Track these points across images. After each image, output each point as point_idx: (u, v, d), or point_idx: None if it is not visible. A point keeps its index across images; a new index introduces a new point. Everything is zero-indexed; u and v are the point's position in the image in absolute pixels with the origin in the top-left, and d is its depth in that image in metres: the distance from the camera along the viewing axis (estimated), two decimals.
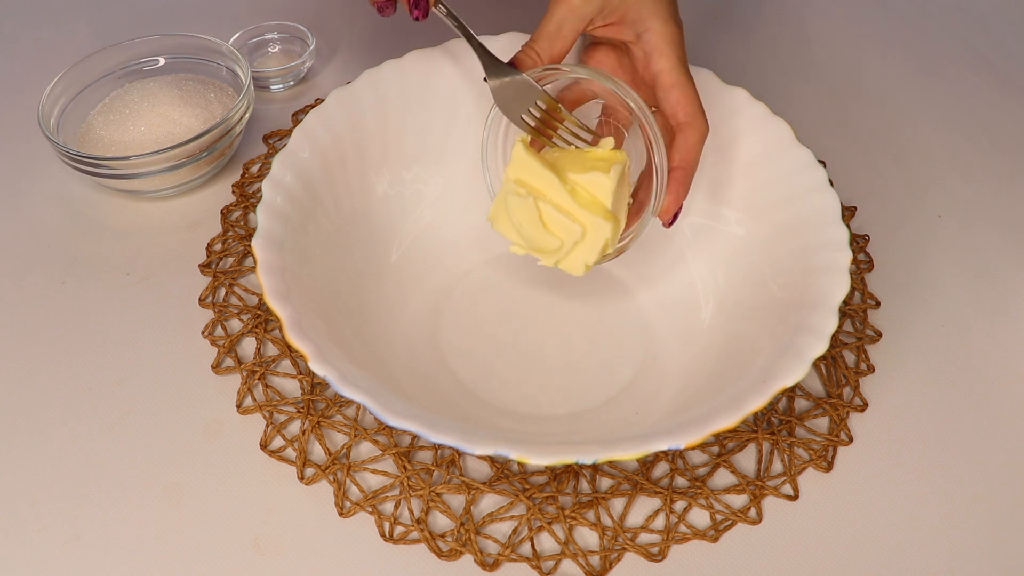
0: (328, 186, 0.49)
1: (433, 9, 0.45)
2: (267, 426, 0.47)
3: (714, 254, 0.52)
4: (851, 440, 0.47)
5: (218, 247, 0.56)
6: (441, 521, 0.44)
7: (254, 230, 0.48)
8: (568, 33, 0.45)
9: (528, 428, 0.46)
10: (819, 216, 0.46)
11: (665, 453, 0.46)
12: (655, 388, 0.48)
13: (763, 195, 0.50)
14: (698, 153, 0.45)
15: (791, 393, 0.49)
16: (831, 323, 0.41)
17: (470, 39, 0.46)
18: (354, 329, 0.46)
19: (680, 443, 0.37)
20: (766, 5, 0.75)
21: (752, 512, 0.44)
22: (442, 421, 0.39)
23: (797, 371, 0.40)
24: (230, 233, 0.56)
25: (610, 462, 0.45)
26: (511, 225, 0.46)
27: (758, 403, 0.39)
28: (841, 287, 0.43)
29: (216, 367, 0.49)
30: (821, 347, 0.41)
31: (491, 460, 0.46)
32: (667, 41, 0.44)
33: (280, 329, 0.45)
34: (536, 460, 0.37)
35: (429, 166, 0.54)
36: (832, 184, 0.47)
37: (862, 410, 0.49)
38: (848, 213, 0.58)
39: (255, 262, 0.42)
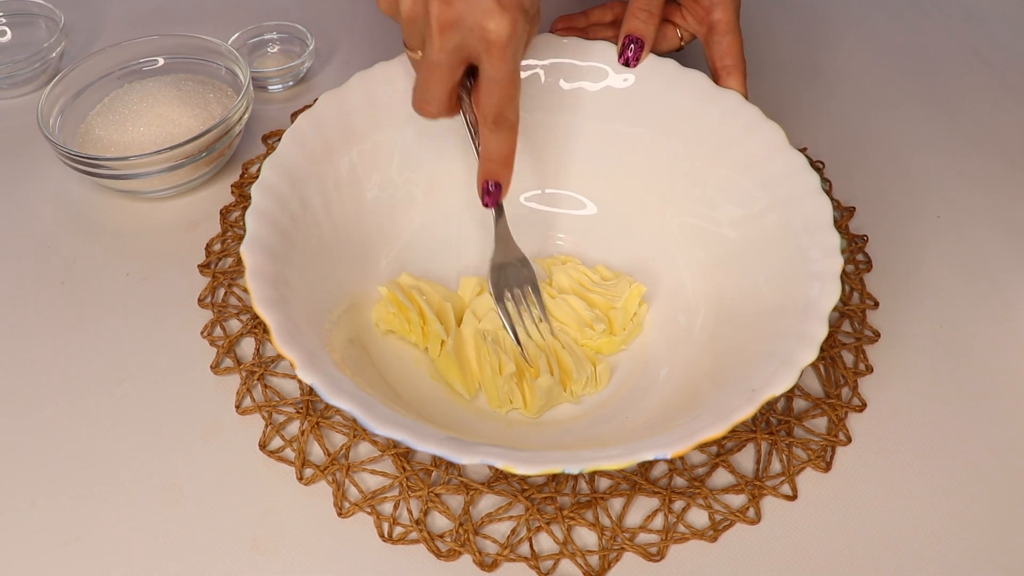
0: (318, 189, 0.49)
1: (492, 208, 0.50)
2: (266, 426, 0.47)
3: (706, 258, 0.51)
4: (850, 440, 0.47)
5: (217, 247, 0.56)
6: (440, 521, 0.44)
7: None
8: None
9: (518, 433, 0.46)
10: (811, 221, 0.46)
11: None
12: (644, 394, 0.47)
13: (755, 199, 0.49)
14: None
15: (789, 393, 0.49)
16: (821, 331, 0.41)
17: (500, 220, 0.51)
18: (344, 334, 0.46)
19: (667, 453, 0.37)
20: (763, 7, 0.75)
21: (751, 512, 0.44)
22: (429, 430, 0.38)
23: (786, 379, 0.39)
24: (229, 233, 0.56)
25: (597, 471, 0.45)
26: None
27: (746, 412, 0.38)
28: (832, 294, 0.42)
29: (215, 367, 0.49)
30: (811, 355, 0.40)
31: None
32: None
33: (268, 336, 0.45)
34: (522, 470, 0.36)
35: (420, 169, 0.54)
36: (830, 187, 0.47)
37: (861, 410, 0.49)
38: (847, 214, 0.58)
39: (244, 268, 0.42)
